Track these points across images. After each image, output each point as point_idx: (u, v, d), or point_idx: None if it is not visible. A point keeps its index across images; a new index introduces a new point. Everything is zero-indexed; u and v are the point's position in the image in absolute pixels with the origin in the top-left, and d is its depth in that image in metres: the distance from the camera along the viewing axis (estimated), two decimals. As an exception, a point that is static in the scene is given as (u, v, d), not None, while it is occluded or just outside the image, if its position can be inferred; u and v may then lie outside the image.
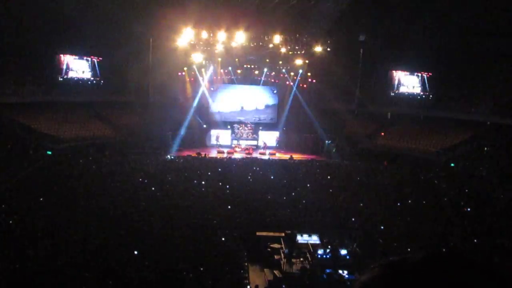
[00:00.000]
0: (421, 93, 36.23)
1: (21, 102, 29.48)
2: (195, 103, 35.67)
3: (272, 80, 37.10)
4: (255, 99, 37.68)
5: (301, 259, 12.78)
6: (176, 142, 33.24)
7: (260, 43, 33.38)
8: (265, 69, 36.04)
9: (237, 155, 32.10)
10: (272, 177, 22.54)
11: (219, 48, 33.13)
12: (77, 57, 33.07)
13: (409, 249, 12.61)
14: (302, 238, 13.47)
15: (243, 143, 35.69)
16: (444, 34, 30.41)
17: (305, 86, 36.76)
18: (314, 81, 36.22)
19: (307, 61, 35.06)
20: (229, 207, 16.14)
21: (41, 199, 16.10)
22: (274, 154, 33.50)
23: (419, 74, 36.09)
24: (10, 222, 13.15)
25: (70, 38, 31.21)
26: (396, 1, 32.57)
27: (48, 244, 11.20)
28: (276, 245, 13.57)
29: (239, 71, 36.17)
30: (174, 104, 34.17)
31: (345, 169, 26.84)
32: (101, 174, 21.11)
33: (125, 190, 17.81)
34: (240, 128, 36.67)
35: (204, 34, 32.08)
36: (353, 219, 15.62)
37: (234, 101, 37.49)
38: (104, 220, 13.74)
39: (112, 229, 12.92)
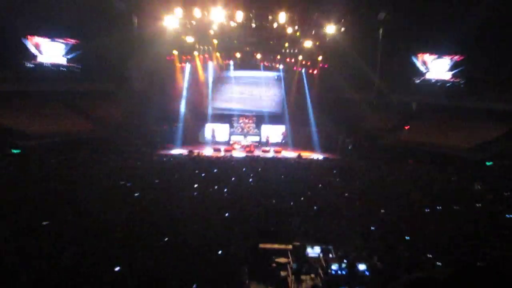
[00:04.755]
0: (451, 79, 35.86)
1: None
2: (186, 93, 35.49)
3: (277, 65, 36.73)
4: (257, 87, 37.28)
5: (312, 275, 12.30)
6: (165, 138, 33.12)
7: (263, 23, 32.74)
8: (269, 53, 35.62)
9: (236, 154, 31.73)
10: (277, 179, 22.34)
11: (215, 28, 32.34)
12: (49, 39, 32.74)
13: (437, 263, 12.18)
14: (313, 251, 13.16)
15: (243, 139, 35.44)
16: (478, 10, 29.56)
17: (315, 72, 36.38)
18: (326, 66, 35.84)
19: (317, 43, 34.37)
20: (226, 214, 15.91)
21: (5, 204, 15.43)
22: (280, 152, 33.02)
23: (449, 58, 35.61)
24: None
25: (41, 16, 30.70)
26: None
27: (13, 258, 10.64)
28: (282, 260, 12.79)
29: (238, 55, 35.76)
30: (163, 94, 34.07)
31: (363, 170, 26.39)
32: (76, 177, 20.80)
33: (104, 195, 17.51)
34: (240, 122, 36.35)
35: (197, 13, 31.15)
36: (372, 228, 15.12)
37: (232, 89, 37.18)
38: (80, 230, 13.13)
39: (89, 240, 12.36)
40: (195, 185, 20.06)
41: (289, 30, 32.98)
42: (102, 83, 34.69)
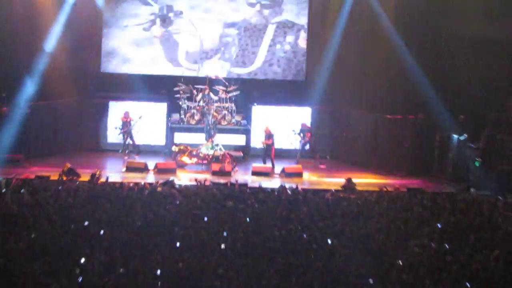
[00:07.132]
0: None
1: None
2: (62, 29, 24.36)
3: None
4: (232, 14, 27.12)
5: None
6: (5, 138, 23.07)
7: None
8: None
9: (185, 180, 21.06)
10: (293, 246, 14.88)
11: None
12: None
13: None
14: None
15: (205, 144, 23.83)
16: None
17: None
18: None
19: None
20: None
21: None
22: (300, 173, 22.32)
23: None
24: None
25: None
26: None
27: None
28: None
29: None
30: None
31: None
32: None
33: None
34: (198, 98, 24.66)
35: None
36: None
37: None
38: None
39: None
40: (81, 262, 13.13)
41: None
42: None
